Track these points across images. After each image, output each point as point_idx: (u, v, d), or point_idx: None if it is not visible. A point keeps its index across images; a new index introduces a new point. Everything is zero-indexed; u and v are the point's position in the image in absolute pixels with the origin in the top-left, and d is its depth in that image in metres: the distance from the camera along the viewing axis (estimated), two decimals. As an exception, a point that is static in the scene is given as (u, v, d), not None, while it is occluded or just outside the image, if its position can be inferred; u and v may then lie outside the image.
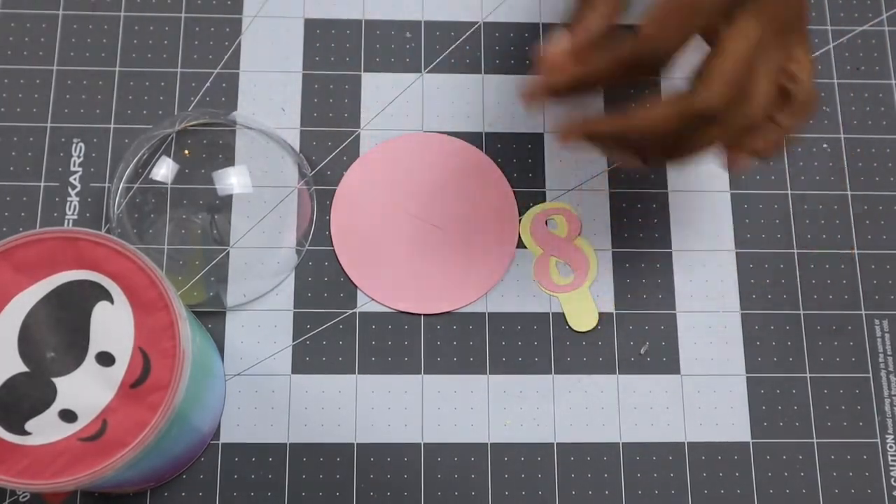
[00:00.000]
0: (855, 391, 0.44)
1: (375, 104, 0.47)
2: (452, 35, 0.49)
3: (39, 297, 0.33)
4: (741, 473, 0.43)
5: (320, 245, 0.45)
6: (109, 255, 0.33)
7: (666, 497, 0.42)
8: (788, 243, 0.46)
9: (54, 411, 0.32)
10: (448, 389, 0.44)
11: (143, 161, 0.44)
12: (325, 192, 0.46)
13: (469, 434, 0.43)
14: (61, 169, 0.46)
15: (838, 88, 0.49)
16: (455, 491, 0.42)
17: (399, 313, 0.44)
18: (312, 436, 0.43)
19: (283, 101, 0.47)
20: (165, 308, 0.33)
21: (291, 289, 0.44)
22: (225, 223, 0.43)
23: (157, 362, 0.33)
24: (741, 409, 0.44)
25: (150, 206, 0.43)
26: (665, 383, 0.44)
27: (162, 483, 0.41)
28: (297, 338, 0.44)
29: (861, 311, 0.45)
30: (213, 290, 0.43)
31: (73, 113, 0.46)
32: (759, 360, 0.45)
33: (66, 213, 0.45)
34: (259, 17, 0.48)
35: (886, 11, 0.50)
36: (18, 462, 0.31)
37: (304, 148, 0.47)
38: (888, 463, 0.43)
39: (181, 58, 0.48)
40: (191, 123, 0.44)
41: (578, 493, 0.42)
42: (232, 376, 0.43)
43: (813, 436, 0.44)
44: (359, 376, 0.44)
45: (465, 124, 0.47)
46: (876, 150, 0.48)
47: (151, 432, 0.32)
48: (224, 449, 0.42)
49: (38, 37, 0.47)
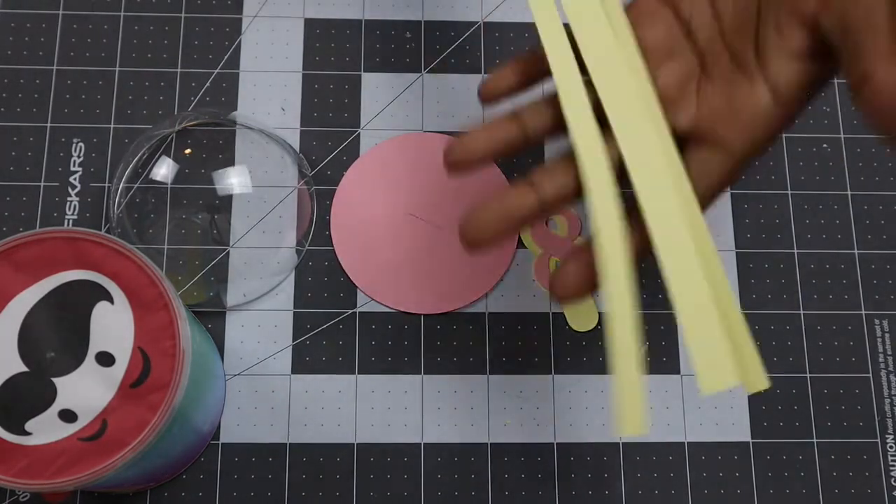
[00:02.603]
0: (855, 391, 0.44)
1: (375, 104, 0.47)
2: (452, 35, 0.49)
3: (39, 296, 0.33)
4: (741, 473, 0.43)
5: (320, 245, 0.45)
6: (109, 255, 0.33)
7: (666, 497, 0.42)
8: (788, 243, 0.46)
9: (54, 411, 0.32)
10: (448, 389, 0.44)
11: (143, 161, 0.44)
12: (325, 192, 0.46)
13: (469, 434, 0.43)
14: (61, 169, 0.46)
15: (838, 88, 0.49)
16: (455, 491, 0.42)
17: (399, 313, 0.45)
18: (312, 436, 0.43)
19: (283, 101, 0.47)
20: (165, 308, 0.33)
21: (291, 289, 0.45)
22: (225, 223, 0.43)
23: (157, 362, 0.33)
24: (741, 409, 0.44)
25: (150, 206, 0.43)
26: (665, 383, 0.44)
27: (162, 483, 0.41)
28: (297, 338, 0.44)
29: (861, 311, 0.45)
30: (213, 290, 0.43)
31: (73, 113, 0.46)
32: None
33: (66, 213, 0.45)
34: (259, 17, 0.48)
35: (886, 11, 0.50)
36: (18, 462, 0.31)
37: (304, 148, 0.47)
38: (888, 463, 0.43)
39: (181, 58, 0.48)
40: (191, 123, 0.44)
41: (578, 493, 0.42)
42: (232, 376, 0.43)
43: (813, 436, 0.44)
44: (359, 376, 0.44)
45: (464, 124, 0.47)
46: (876, 151, 0.48)
47: (151, 432, 0.32)
48: (224, 449, 0.42)
49: (38, 37, 0.47)
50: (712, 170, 0.34)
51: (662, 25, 0.36)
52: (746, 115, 0.34)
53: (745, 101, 0.34)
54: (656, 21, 0.36)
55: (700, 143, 0.34)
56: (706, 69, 0.35)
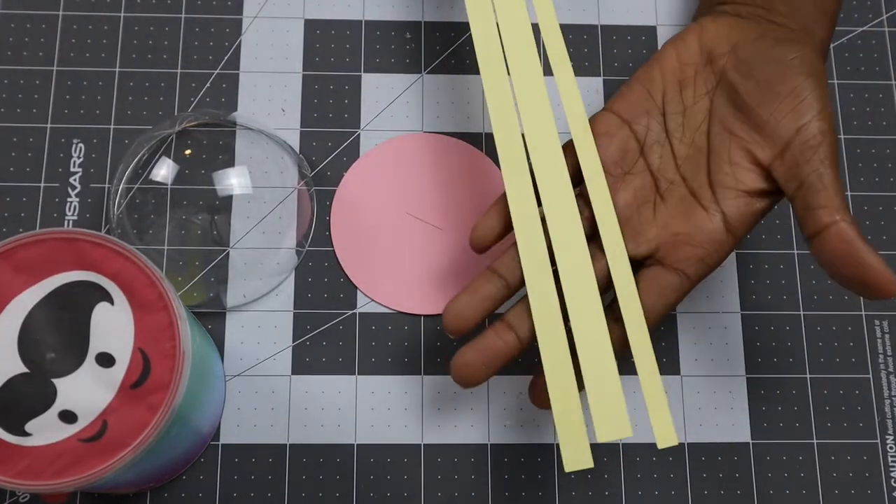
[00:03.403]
0: (855, 392, 0.44)
1: (375, 104, 0.47)
2: (452, 35, 0.49)
3: (39, 297, 0.33)
4: (741, 474, 0.43)
5: (320, 245, 0.45)
6: (109, 256, 0.33)
7: (666, 497, 0.42)
8: (788, 244, 0.46)
9: (54, 412, 0.32)
10: (448, 390, 0.44)
11: (143, 161, 0.44)
12: (325, 192, 0.46)
13: (469, 435, 0.43)
14: (61, 169, 0.46)
15: (838, 89, 0.49)
16: (455, 491, 0.42)
17: (399, 313, 0.45)
18: (312, 436, 0.43)
19: (283, 102, 0.47)
20: (165, 308, 0.33)
21: (291, 289, 0.45)
22: (225, 224, 0.43)
23: (157, 363, 0.33)
24: (741, 409, 0.44)
25: (150, 207, 0.43)
26: (665, 384, 0.44)
27: (162, 483, 0.41)
28: (297, 338, 0.44)
29: (861, 311, 0.45)
30: (213, 290, 0.43)
31: (73, 113, 0.46)
32: (759, 361, 0.45)
33: (66, 214, 0.45)
34: (259, 17, 0.48)
35: (886, 12, 0.50)
36: (18, 463, 0.31)
37: (304, 148, 0.47)
38: (888, 464, 0.43)
39: (181, 58, 0.48)
40: (191, 124, 0.44)
41: (578, 493, 0.42)
42: (232, 377, 0.43)
43: (813, 436, 0.44)
44: (359, 377, 0.44)
45: (465, 124, 0.47)
46: (876, 150, 0.48)
47: (151, 433, 0.32)
48: (224, 449, 0.42)
49: (38, 37, 0.47)
50: (668, 288, 0.36)
51: (620, 143, 0.37)
52: (701, 240, 0.36)
53: (701, 226, 0.36)
54: (614, 140, 0.38)
55: (657, 265, 0.36)
56: (661, 193, 0.37)
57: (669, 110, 0.37)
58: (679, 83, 0.37)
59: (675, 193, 0.37)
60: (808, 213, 0.34)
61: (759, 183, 0.35)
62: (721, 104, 0.36)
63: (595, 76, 0.48)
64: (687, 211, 0.36)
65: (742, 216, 0.35)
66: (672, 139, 0.37)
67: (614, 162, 0.37)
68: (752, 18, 0.37)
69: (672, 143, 0.37)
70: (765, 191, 0.35)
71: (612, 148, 0.37)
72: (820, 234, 0.33)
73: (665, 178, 0.37)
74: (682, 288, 0.36)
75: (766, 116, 0.35)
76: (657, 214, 0.37)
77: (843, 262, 0.32)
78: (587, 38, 0.49)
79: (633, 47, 0.49)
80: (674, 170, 0.37)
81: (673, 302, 0.36)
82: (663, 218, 0.37)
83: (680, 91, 0.37)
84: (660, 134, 0.37)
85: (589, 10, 0.49)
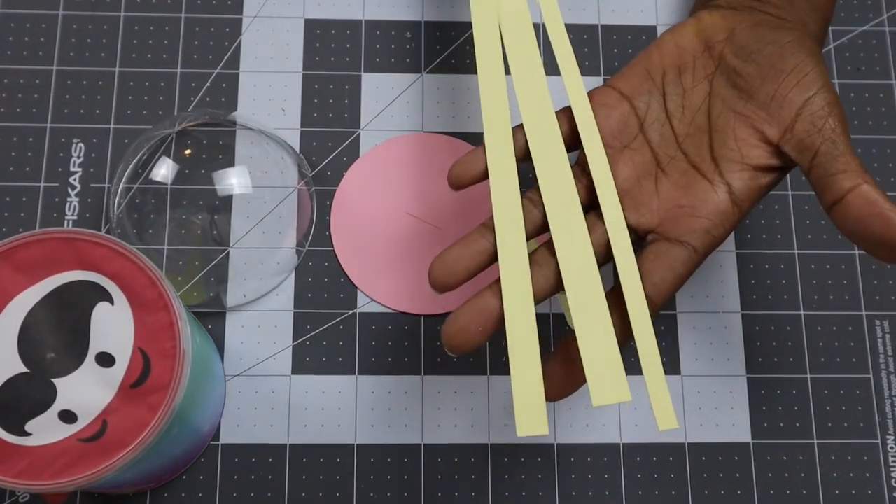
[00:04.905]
0: (855, 392, 0.44)
1: (375, 104, 0.47)
2: (452, 35, 0.49)
3: (39, 297, 0.33)
4: (741, 474, 0.43)
5: (320, 245, 0.45)
6: (109, 256, 0.33)
7: (666, 497, 0.42)
8: (789, 244, 0.46)
9: (54, 412, 0.32)
10: (448, 390, 0.43)
11: (143, 161, 0.44)
12: (325, 192, 0.46)
13: (469, 435, 0.43)
14: (61, 169, 0.46)
15: (838, 89, 0.49)
16: (455, 492, 0.42)
17: (399, 313, 0.44)
18: (312, 436, 0.43)
19: (283, 101, 0.47)
20: (165, 308, 0.33)
21: (291, 289, 0.44)
22: (225, 223, 0.43)
23: (157, 363, 0.33)
24: (741, 409, 0.44)
25: (149, 207, 0.43)
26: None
27: (162, 483, 0.41)
28: (297, 338, 0.44)
29: (861, 311, 0.45)
30: (213, 290, 0.43)
31: (73, 113, 0.46)
32: (759, 360, 0.44)
33: (65, 214, 0.45)
34: (259, 17, 0.48)
35: (887, 11, 0.50)
36: (18, 463, 0.31)
37: (304, 148, 0.47)
38: (889, 464, 0.43)
39: (181, 58, 0.48)
40: (191, 124, 0.44)
41: (578, 493, 0.42)
42: (232, 377, 0.43)
43: (813, 436, 0.44)
44: (359, 376, 0.44)
45: (465, 124, 0.47)
46: (876, 150, 0.48)
47: (151, 433, 0.32)
48: (224, 449, 0.42)
49: (38, 37, 0.47)
50: (677, 261, 0.35)
51: (619, 117, 0.37)
52: (707, 211, 0.35)
53: (705, 198, 0.35)
54: (613, 113, 0.37)
55: (661, 240, 0.35)
56: (662, 167, 0.36)
57: (669, 91, 0.37)
58: (678, 68, 0.37)
59: (677, 167, 0.36)
60: (827, 180, 0.33)
61: (765, 159, 0.35)
62: (721, 86, 0.36)
63: (595, 76, 0.48)
64: (690, 183, 0.36)
65: (748, 189, 0.35)
66: (672, 119, 0.37)
67: (613, 134, 0.37)
68: (747, 10, 0.37)
69: (672, 122, 0.36)
70: (772, 166, 0.35)
71: (612, 120, 0.37)
72: (842, 199, 0.32)
73: (666, 154, 0.36)
74: (690, 261, 0.35)
75: (772, 92, 0.34)
76: (659, 187, 0.36)
77: (870, 224, 0.32)
78: (587, 38, 0.49)
79: (634, 47, 0.49)
80: (675, 147, 0.36)
81: (682, 274, 0.35)
82: (665, 190, 0.36)
83: (679, 75, 0.37)
84: (660, 113, 0.37)
85: (589, 9, 0.49)
